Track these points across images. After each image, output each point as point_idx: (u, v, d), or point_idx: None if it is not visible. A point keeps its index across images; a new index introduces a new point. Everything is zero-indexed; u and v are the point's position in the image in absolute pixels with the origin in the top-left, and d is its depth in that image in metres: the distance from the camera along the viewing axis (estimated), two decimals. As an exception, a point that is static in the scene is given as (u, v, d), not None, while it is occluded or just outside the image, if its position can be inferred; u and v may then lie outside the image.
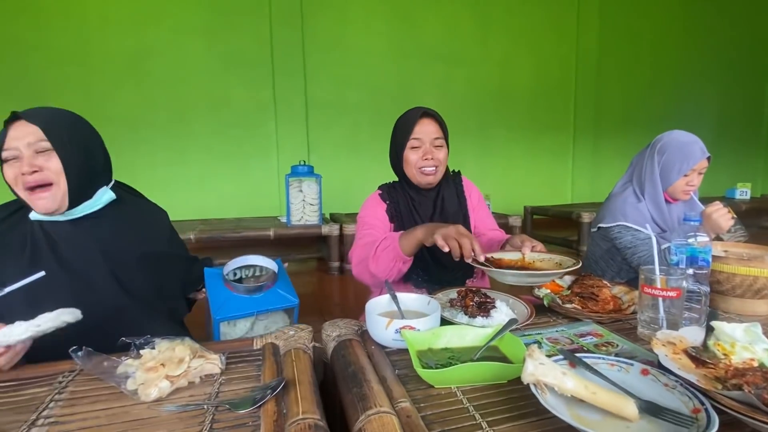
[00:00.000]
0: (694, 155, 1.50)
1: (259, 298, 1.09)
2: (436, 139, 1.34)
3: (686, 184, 1.54)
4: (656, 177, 1.57)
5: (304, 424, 0.60)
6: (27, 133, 0.93)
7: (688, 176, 1.53)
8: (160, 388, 0.69)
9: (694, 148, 1.51)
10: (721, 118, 6.47)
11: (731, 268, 1.01)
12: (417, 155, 1.34)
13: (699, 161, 1.51)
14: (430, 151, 1.34)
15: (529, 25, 5.34)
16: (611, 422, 0.59)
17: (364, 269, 1.25)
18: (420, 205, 1.41)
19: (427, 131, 1.34)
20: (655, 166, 1.57)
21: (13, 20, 3.78)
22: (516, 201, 5.20)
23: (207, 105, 4.34)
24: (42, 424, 0.63)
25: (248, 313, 1.08)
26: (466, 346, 0.81)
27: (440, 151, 1.36)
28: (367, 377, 0.72)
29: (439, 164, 1.35)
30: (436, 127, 1.35)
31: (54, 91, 3.92)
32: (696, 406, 0.58)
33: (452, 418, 0.63)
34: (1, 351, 0.75)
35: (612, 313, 1.02)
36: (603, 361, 0.71)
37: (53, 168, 0.95)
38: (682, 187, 1.55)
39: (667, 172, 1.55)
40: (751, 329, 0.73)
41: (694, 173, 1.54)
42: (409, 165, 1.36)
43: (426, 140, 1.33)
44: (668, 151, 1.55)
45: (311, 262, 3.91)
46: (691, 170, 1.52)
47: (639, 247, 1.52)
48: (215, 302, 1.07)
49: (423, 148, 1.34)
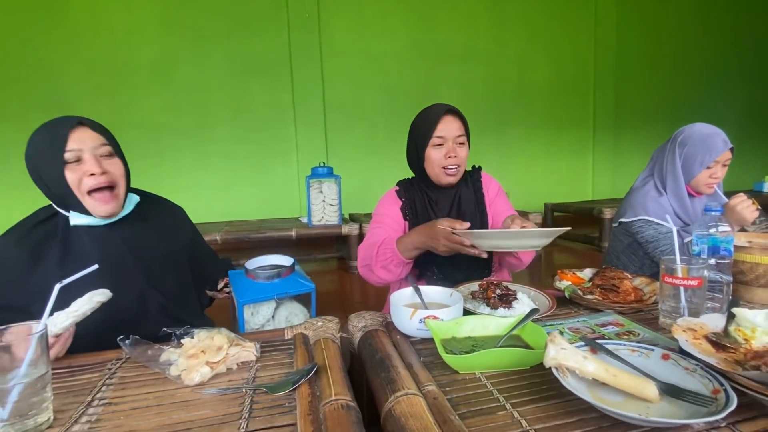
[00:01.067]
0: (717, 147, 1.49)
1: (278, 284, 1.18)
2: (458, 137, 1.32)
3: (709, 176, 1.52)
4: (678, 170, 1.56)
5: (336, 404, 0.64)
6: (90, 137, 0.97)
7: (711, 168, 1.51)
8: (202, 373, 0.74)
9: (717, 139, 1.50)
10: (748, 111, 6.27)
11: (755, 258, 1.01)
12: (440, 153, 1.32)
13: (722, 153, 1.49)
14: (453, 149, 1.32)
15: (545, 22, 5.30)
16: (632, 403, 0.61)
17: (369, 272, 1.31)
18: (437, 203, 1.41)
19: (451, 129, 1.31)
20: (677, 159, 1.56)
21: (47, 34, 3.97)
22: (536, 198, 5.17)
23: (228, 110, 4.46)
24: (97, 405, 0.69)
25: (269, 297, 1.16)
26: (488, 335, 0.84)
27: (462, 149, 1.35)
28: (394, 363, 0.76)
29: (461, 163, 1.34)
30: (459, 124, 1.33)
31: (84, 100, 4.10)
32: (716, 387, 0.60)
33: (477, 399, 0.66)
34: (52, 341, 0.81)
35: (633, 304, 1.03)
36: (624, 347, 0.73)
37: (117, 172, 1.00)
38: (706, 180, 1.53)
39: (690, 165, 1.53)
40: (773, 315, 0.74)
41: (717, 165, 1.52)
42: (432, 163, 1.34)
43: (449, 138, 1.31)
44: (690, 143, 1.53)
45: (332, 262, 3.98)
46: (714, 162, 1.50)
47: (661, 240, 1.52)
48: (239, 290, 1.15)
49: (446, 146, 1.32)
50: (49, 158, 0.94)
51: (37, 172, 0.97)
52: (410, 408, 0.62)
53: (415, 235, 1.21)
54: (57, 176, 0.94)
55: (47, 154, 0.94)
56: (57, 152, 0.93)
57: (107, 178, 0.97)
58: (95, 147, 0.97)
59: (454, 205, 1.41)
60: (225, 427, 0.61)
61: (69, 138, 0.94)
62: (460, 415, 0.62)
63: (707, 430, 0.56)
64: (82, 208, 0.98)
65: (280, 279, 1.23)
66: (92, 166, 0.95)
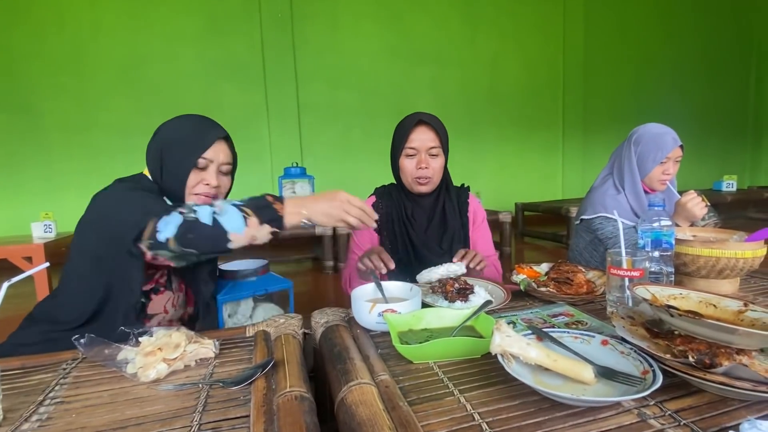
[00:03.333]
0: (667, 144, 1.57)
1: (255, 282, 1.20)
2: (431, 148, 1.33)
3: (662, 173, 1.60)
4: (634, 167, 1.64)
5: (290, 395, 0.66)
6: (224, 154, 1.07)
7: (663, 165, 1.60)
8: (158, 369, 0.74)
9: (667, 138, 1.58)
10: (708, 112, 6.57)
11: (695, 250, 1.07)
12: (412, 164, 1.34)
13: (671, 150, 1.57)
14: (425, 161, 1.33)
15: (516, 25, 5.43)
16: (571, 386, 0.65)
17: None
18: (414, 213, 1.41)
19: (423, 139, 1.32)
20: (633, 157, 1.64)
21: (8, 29, 3.83)
22: (508, 197, 5.27)
23: (200, 110, 4.28)
24: (49, 404, 0.68)
25: (248, 294, 1.18)
26: (444, 326, 0.87)
27: (435, 160, 1.35)
28: (351, 355, 0.78)
29: (433, 174, 1.35)
30: (432, 135, 1.33)
31: (48, 99, 3.98)
32: (645, 369, 0.64)
33: (427, 387, 0.69)
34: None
35: (585, 295, 1.08)
36: (567, 334, 0.77)
37: (225, 188, 1.10)
38: (659, 176, 1.61)
39: (643, 162, 1.61)
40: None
41: (669, 162, 1.60)
42: (405, 173, 1.36)
43: (421, 149, 1.32)
44: (643, 142, 1.62)
45: (306, 263, 3.97)
46: (666, 159, 1.59)
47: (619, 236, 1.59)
48: (218, 290, 1.15)
49: (417, 157, 1.33)
50: (184, 153, 1.02)
51: (161, 152, 1.02)
52: (362, 396, 0.64)
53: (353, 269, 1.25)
54: (182, 171, 1.01)
55: (185, 150, 1.02)
56: (196, 152, 1.02)
57: (216, 191, 1.07)
58: (222, 163, 1.06)
59: (434, 218, 1.41)
60: (178, 420, 0.62)
61: (210, 148, 1.03)
62: (410, 401, 0.64)
63: (637, 407, 0.61)
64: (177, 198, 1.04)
65: (257, 277, 1.25)
66: (212, 179, 1.04)
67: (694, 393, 0.64)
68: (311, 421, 0.61)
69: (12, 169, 3.95)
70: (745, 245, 1.05)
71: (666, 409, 0.60)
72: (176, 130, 1.05)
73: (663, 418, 0.58)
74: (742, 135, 6.95)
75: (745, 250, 1.04)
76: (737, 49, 6.70)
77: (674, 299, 0.79)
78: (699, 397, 0.63)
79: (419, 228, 1.40)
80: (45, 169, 4.00)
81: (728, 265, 1.06)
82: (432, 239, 1.40)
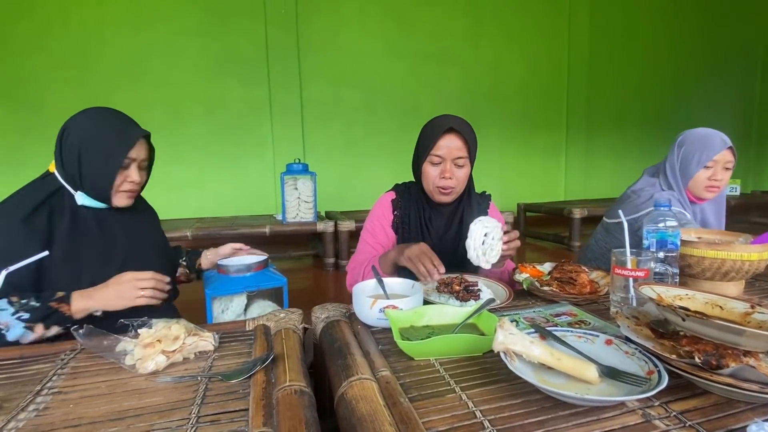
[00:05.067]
0: (715, 145, 1.41)
1: (248, 278, 1.17)
2: (458, 158, 1.25)
3: (708, 178, 1.44)
4: (677, 173, 1.49)
5: (290, 389, 0.65)
6: (144, 151, 1.10)
7: (710, 169, 1.44)
8: (157, 361, 0.74)
9: (715, 138, 1.43)
10: (712, 117, 6.54)
11: (700, 251, 1.06)
12: (435, 172, 1.26)
13: (720, 151, 1.41)
14: (450, 170, 1.25)
15: (521, 26, 5.41)
16: (574, 385, 0.64)
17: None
18: (431, 219, 1.35)
19: (450, 148, 1.24)
20: (675, 161, 1.49)
21: (13, 22, 3.82)
22: (510, 198, 5.26)
23: (203, 105, 4.38)
24: (46, 393, 0.68)
25: (238, 290, 1.15)
26: (445, 324, 0.86)
27: (461, 170, 1.27)
28: (352, 351, 0.77)
29: (457, 184, 1.28)
30: (460, 143, 1.25)
31: (52, 92, 3.96)
32: (650, 369, 0.63)
33: (428, 384, 0.68)
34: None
35: (588, 295, 1.07)
36: (571, 333, 0.76)
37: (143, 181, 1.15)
38: (704, 182, 1.44)
39: (686, 165, 1.45)
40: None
41: (717, 166, 1.43)
42: (427, 180, 1.29)
43: (447, 157, 1.24)
44: (687, 142, 1.47)
45: (307, 259, 3.96)
46: (712, 162, 1.43)
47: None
48: (208, 284, 1.14)
49: (442, 166, 1.25)
50: (108, 153, 1.03)
51: (79, 151, 1.01)
52: (362, 392, 0.63)
53: (392, 253, 1.19)
54: (108, 171, 1.03)
55: (109, 148, 1.03)
56: (120, 153, 1.03)
57: (138, 186, 1.12)
58: (142, 159, 1.10)
59: (452, 225, 1.36)
60: (176, 412, 0.61)
61: (134, 146, 1.05)
62: (411, 398, 0.63)
63: (641, 408, 0.60)
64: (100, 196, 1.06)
65: (251, 273, 1.23)
66: (135, 176, 1.08)
67: (699, 394, 0.63)
68: (311, 415, 0.60)
69: (14, 161, 3.94)
70: (751, 248, 1.04)
71: (671, 410, 0.59)
72: (94, 130, 1.04)
73: (668, 419, 0.57)
74: (746, 139, 6.92)
75: (751, 253, 1.03)
76: (742, 54, 6.67)
77: (680, 300, 0.78)
78: (705, 398, 0.62)
79: (435, 233, 1.35)
80: (46, 162, 3.95)
81: (734, 268, 1.04)
82: (447, 246, 1.34)
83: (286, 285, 1.26)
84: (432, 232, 1.35)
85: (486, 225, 1.10)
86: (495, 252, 1.09)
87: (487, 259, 1.09)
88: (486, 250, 1.09)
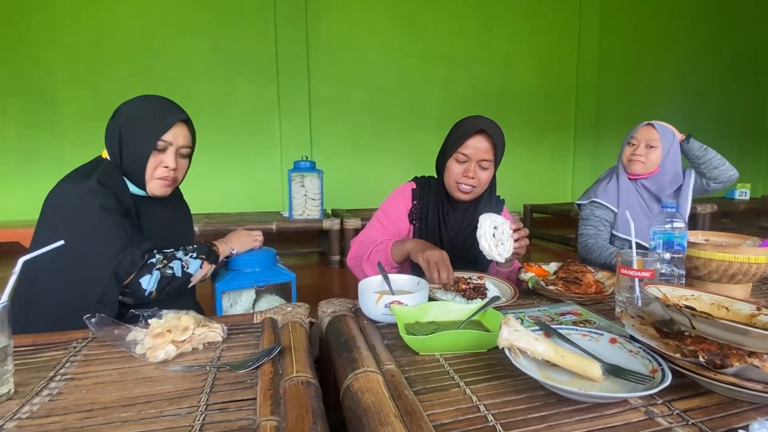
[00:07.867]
0: (639, 126, 1.62)
1: (258, 273, 1.18)
2: (484, 160, 1.27)
3: (631, 153, 1.62)
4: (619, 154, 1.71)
5: (297, 380, 0.66)
6: (183, 136, 1.07)
7: (633, 146, 1.61)
8: (167, 351, 0.75)
9: (642, 123, 1.63)
10: (722, 120, 6.48)
11: (707, 253, 1.06)
12: (459, 169, 1.28)
13: (638, 129, 1.61)
14: (473, 170, 1.27)
15: (530, 27, 5.39)
16: (578, 382, 0.65)
17: (357, 265, 1.30)
18: (448, 215, 1.36)
19: (478, 149, 1.26)
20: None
21: (27, 18, 3.88)
22: (517, 199, 5.24)
23: (212, 102, 4.42)
24: (60, 379, 0.69)
25: (247, 285, 1.16)
26: (451, 320, 0.87)
27: (484, 172, 1.29)
28: (357, 344, 0.78)
29: (478, 185, 1.29)
30: (488, 146, 1.27)
31: (64, 86, 4.02)
32: (654, 367, 0.64)
33: (433, 378, 0.69)
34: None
35: (593, 295, 1.07)
36: (575, 332, 0.77)
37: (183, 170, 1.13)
38: (627, 156, 1.63)
39: (622, 147, 1.67)
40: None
41: (640, 144, 1.59)
42: (449, 176, 1.31)
43: (473, 158, 1.26)
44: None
45: (312, 257, 3.98)
46: (633, 139, 1.61)
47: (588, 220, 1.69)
48: (218, 278, 1.15)
49: (467, 165, 1.27)
50: (143, 135, 1.02)
51: (120, 131, 1.03)
52: (368, 384, 0.64)
53: (411, 244, 1.18)
54: (142, 154, 1.02)
55: (144, 131, 1.02)
56: (155, 134, 1.02)
57: (174, 174, 1.09)
58: (181, 146, 1.07)
59: (468, 225, 1.37)
60: (185, 400, 0.62)
61: (170, 130, 1.03)
62: (415, 391, 0.64)
63: (645, 405, 0.60)
64: (138, 182, 1.06)
65: (260, 268, 1.24)
66: (171, 161, 1.05)
67: (703, 393, 0.63)
68: (317, 405, 0.61)
69: (26, 153, 4.00)
70: (759, 250, 1.04)
71: (674, 408, 0.59)
72: (135, 111, 1.04)
73: (671, 417, 0.58)
74: (756, 143, 6.84)
75: (759, 255, 1.03)
76: (753, 56, 6.59)
77: (686, 300, 0.78)
78: (708, 397, 0.62)
79: (451, 230, 1.36)
80: (58, 156, 4.04)
81: (741, 270, 1.04)
82: (460, 244, 1.36)
83: (294, 280, 1.28)
84: (449, 228, 1.36)
85: (495, 219, 1.11)
86: (507, 247, 1.10)
87: (499, 251, 1.10)
88: (497, 243, 1.10)
